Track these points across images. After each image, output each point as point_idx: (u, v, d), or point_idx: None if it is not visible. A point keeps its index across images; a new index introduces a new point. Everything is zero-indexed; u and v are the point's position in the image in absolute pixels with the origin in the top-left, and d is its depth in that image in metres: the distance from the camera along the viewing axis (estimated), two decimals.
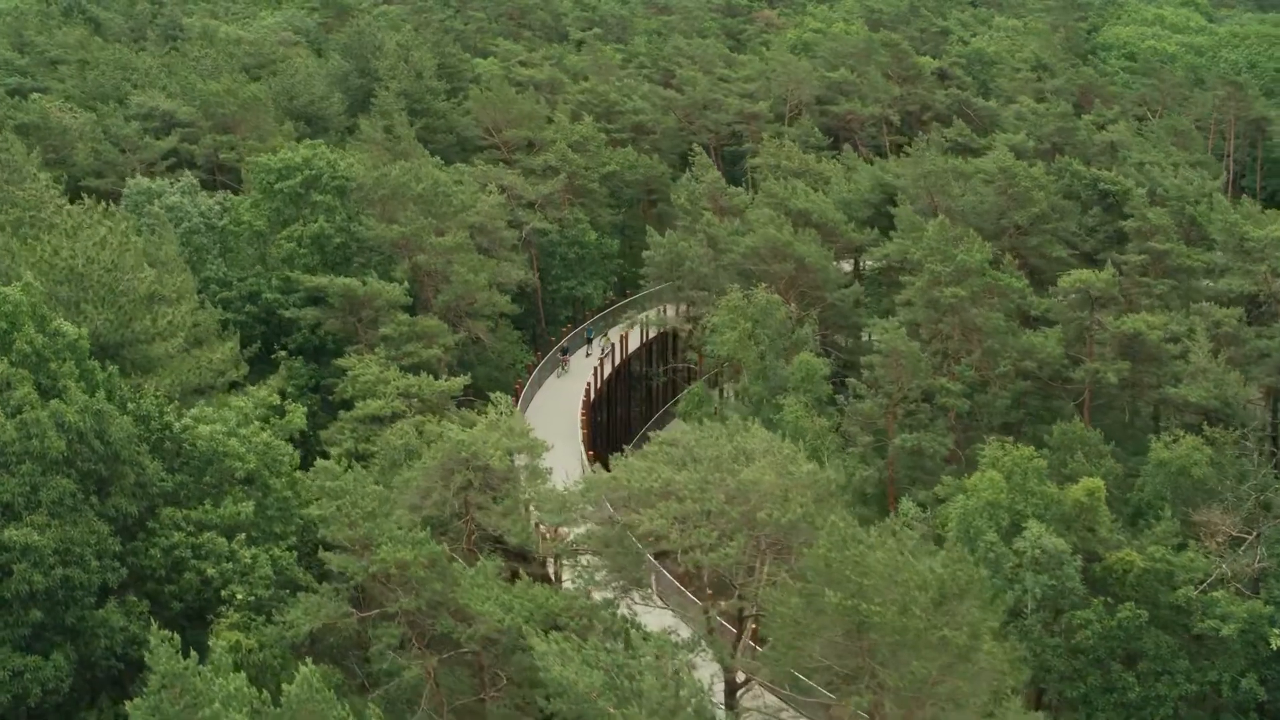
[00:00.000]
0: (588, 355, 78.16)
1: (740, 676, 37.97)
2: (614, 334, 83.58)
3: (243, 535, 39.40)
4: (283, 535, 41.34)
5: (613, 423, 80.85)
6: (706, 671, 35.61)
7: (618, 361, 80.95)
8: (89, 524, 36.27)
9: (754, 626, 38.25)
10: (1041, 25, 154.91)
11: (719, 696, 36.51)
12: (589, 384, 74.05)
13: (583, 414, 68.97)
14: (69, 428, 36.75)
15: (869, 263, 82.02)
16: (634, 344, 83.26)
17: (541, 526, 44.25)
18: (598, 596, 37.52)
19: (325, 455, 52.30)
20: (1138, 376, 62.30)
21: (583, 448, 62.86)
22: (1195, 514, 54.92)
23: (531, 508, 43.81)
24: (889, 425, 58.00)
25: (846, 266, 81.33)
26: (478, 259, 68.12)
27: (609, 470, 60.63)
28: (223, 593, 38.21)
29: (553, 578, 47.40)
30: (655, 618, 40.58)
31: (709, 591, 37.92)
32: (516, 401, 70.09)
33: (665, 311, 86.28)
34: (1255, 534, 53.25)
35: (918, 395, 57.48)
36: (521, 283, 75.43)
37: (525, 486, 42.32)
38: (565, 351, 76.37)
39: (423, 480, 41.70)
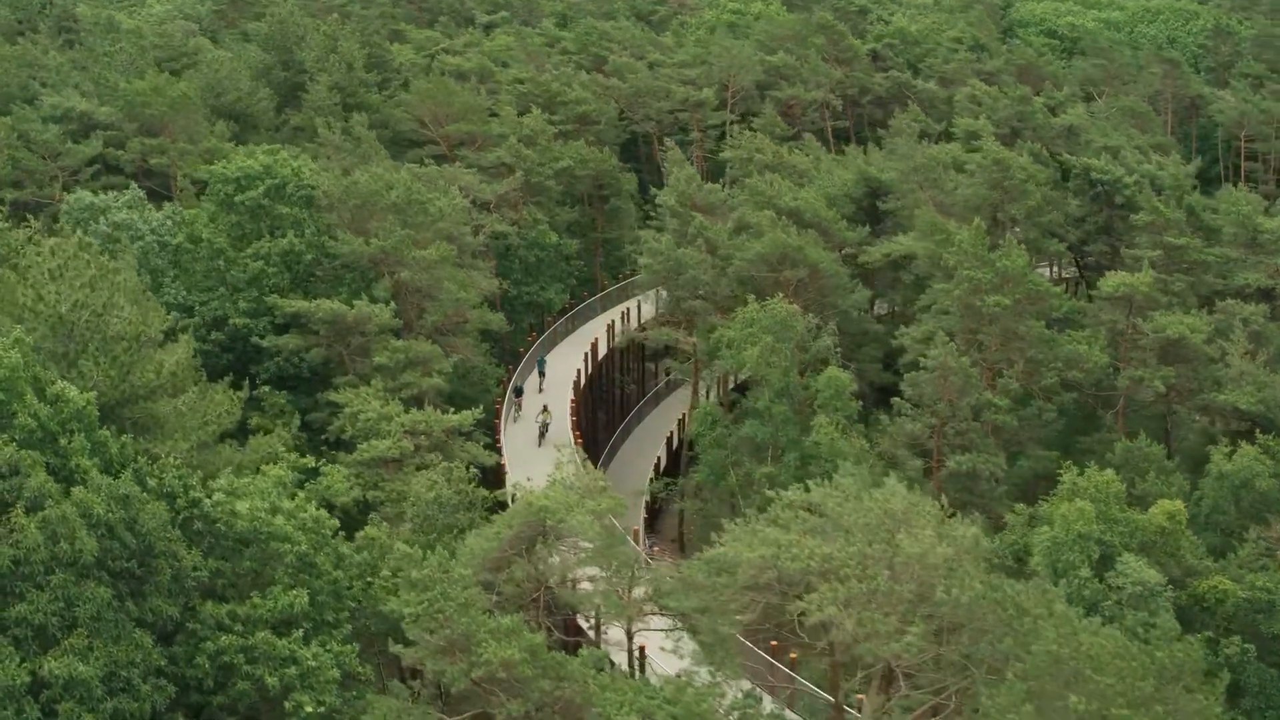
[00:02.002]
0: (540, 391, 70.69)
1: None
2: (577, 340, 78.23)
3: (299, 632, 33.48)
4: (336, 624, 35.45)
5: (582, 434, 75.40)
6: None
7: (589, 372, 75.63)
8: (131, 638, 30.08)
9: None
10: (955, 3, 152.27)
11: None
12: (573, 401, 68.55)
13: (575, 437, 63.65)
14: (98, 522, 30.47)
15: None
16: (601, 350, 77.96)
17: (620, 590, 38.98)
18: (734, 689, 32.50)
19: (330, 505, 46.38)
20: (1177, 382, 59.10)
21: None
22: (1263, 530, 51.99)
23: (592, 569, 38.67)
24: (936, 446, 53.83)
25: None
26: (460, 272, 62.14)
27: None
28: (286, 704, 32.29)
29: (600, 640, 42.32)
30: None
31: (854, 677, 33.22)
32: (498, 430, 64.34)
33: (629, 314, 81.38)
34: None
35: (967, 414, 53.36)
36: (486, 292, 69.25)
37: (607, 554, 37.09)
38: (519, 393, 68.58)
39: (497, 552, 36.16)
